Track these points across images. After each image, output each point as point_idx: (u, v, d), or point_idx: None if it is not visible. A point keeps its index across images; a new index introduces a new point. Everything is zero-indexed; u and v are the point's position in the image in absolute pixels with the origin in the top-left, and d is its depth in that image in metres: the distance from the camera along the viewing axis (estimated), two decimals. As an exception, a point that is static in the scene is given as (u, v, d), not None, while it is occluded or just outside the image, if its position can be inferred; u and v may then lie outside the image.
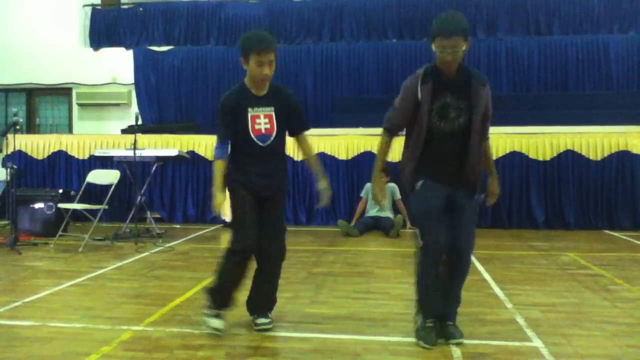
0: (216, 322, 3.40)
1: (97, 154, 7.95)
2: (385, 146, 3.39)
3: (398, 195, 7.76)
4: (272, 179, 3.42)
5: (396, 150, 5.62)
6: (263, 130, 3.37)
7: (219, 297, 3.45)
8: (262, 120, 3.37)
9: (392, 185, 7.69)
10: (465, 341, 3.23)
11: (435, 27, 3.11)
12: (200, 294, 4.32)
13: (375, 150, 3.53)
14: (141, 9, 11.07)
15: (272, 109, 3.39)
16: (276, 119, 3.39)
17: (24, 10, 11.01)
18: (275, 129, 3.39)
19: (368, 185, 7.90)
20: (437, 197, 3.19)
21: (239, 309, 3.58)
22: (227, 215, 6.21)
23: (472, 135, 3.17)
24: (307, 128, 3.60)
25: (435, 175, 3.21)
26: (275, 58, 3.31)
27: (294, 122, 3.49)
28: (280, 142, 3.45)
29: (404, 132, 3.35)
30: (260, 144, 3.37)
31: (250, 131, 3.36)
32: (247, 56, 3.27)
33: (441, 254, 3.18)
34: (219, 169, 3.37)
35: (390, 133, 3.35)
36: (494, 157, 7.83)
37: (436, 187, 3.20)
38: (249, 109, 3.36)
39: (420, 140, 3.19)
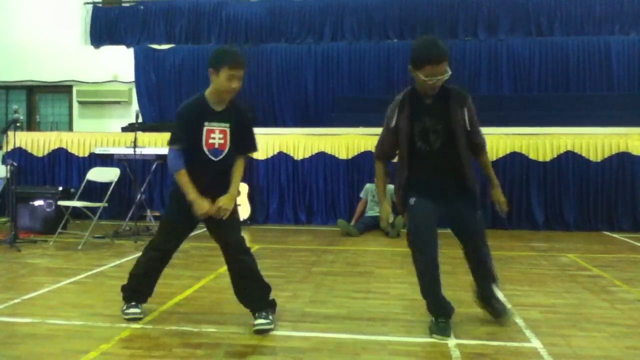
0: (132, 310, 3.60)
1: (97, 151, 7.94)
2: (379, 171, 3.55)
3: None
4: (219, 192, 3.39)
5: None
6: (217, 145, 3.40)
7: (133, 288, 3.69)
8: (216, 135, 3.40)
9: (391, 187, 7.67)
10: (464, 341, 3.24)
11: (421, 54, 3.12)
12: (200, 293, 4.34)
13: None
14: (142, 7, 11.06)
15: (228, 125, 3.41)
16: (230, 135, 3.42)
17: (25, 8, 11.01)
18: (228, 144, 3.42)
19: (368, 185, 7.90)
20: (428, 215, 3.31)
21: (238, 307, 3.56)
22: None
23: (461, 153, 3.28)
24: (254, 150, 3.57)
25: (426, 192, 3.31)
26: (243, 75, 3.39)
27: (244, 141, 3.48)
28: (231, 157, 3.45)
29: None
30: (213, 158, 3.39)
31: (204, 145, 3.38)
32: (219, 68, 3.33)
33: (433, 266, 3.31)
34: (185, 179, 3.35)
35: (379, 160, 3.53)
36: (495, 158, 7.95)
37: (427, 204, 3.30)
38: (206, 123, 3.38)
39: (405, 163, 3.34)
